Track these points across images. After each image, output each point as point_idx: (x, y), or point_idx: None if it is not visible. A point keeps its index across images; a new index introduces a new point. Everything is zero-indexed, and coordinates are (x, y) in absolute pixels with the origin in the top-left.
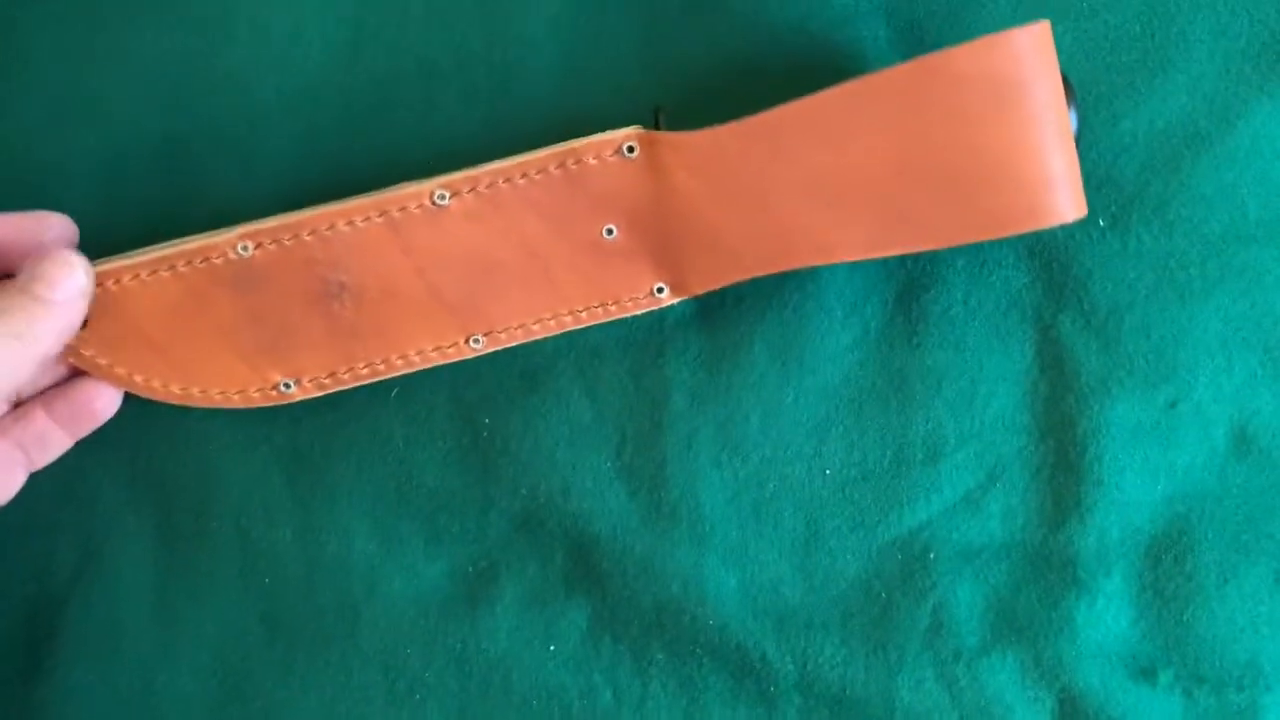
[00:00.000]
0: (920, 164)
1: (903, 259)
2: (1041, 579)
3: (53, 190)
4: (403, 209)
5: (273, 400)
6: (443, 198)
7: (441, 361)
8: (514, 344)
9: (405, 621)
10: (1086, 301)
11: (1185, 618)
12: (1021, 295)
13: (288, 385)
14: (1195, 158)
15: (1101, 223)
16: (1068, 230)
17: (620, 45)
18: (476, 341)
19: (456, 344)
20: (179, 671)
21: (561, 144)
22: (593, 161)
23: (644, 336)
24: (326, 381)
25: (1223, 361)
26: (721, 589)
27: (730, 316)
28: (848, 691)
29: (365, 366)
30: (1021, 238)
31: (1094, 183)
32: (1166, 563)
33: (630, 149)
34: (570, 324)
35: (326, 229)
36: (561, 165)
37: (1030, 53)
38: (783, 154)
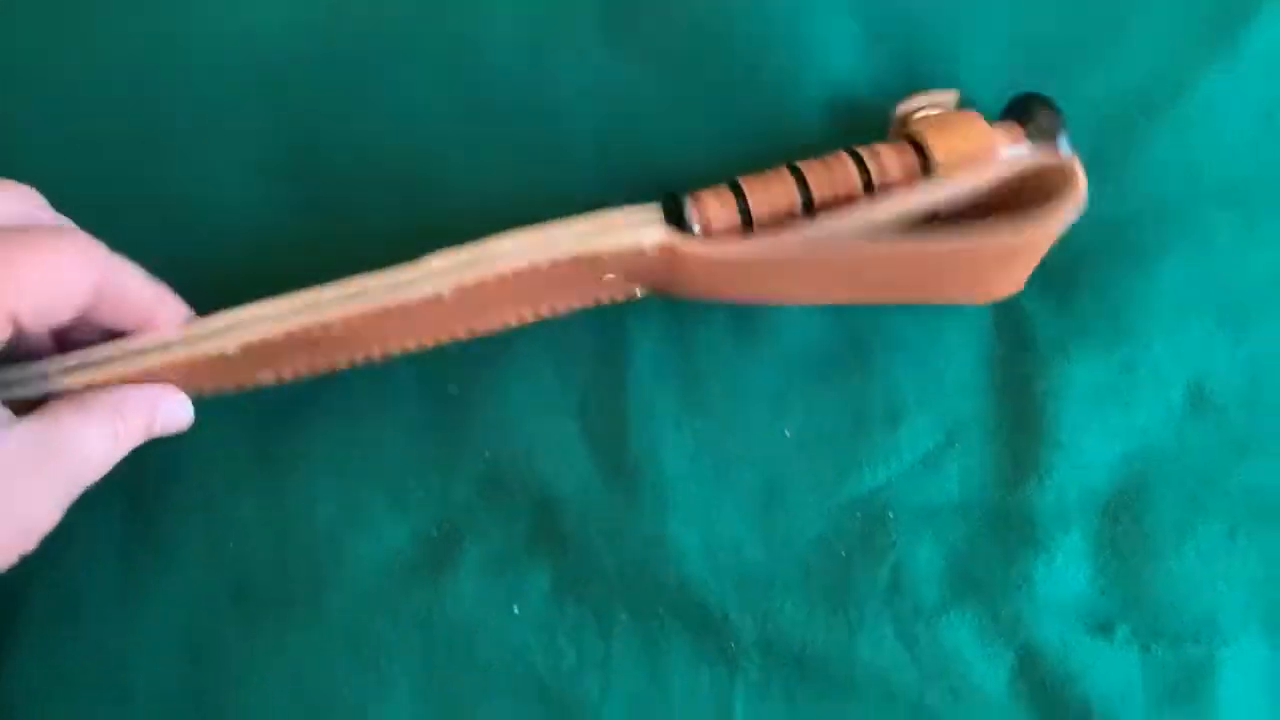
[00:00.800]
0: (918, 275)
1: None
2: (1000, 538)
3: (20, 167)
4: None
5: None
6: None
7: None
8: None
9: (370, 587)
10: (1043, 264)
11: (1143, 574)
12: None
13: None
14: (1150, 123)
15: None
16: None
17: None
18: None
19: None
20: (145, 640)
21: (584, 247)
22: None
23: (607, 304)
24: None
25: (1178, 322)
26: (683, 549)
27: None
28: (808, 650)
29: (346, 362)
30: None
31: None
32: (1124, 521)
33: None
34: (547, 315)
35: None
36: (577, 261)
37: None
38: (790, 269)
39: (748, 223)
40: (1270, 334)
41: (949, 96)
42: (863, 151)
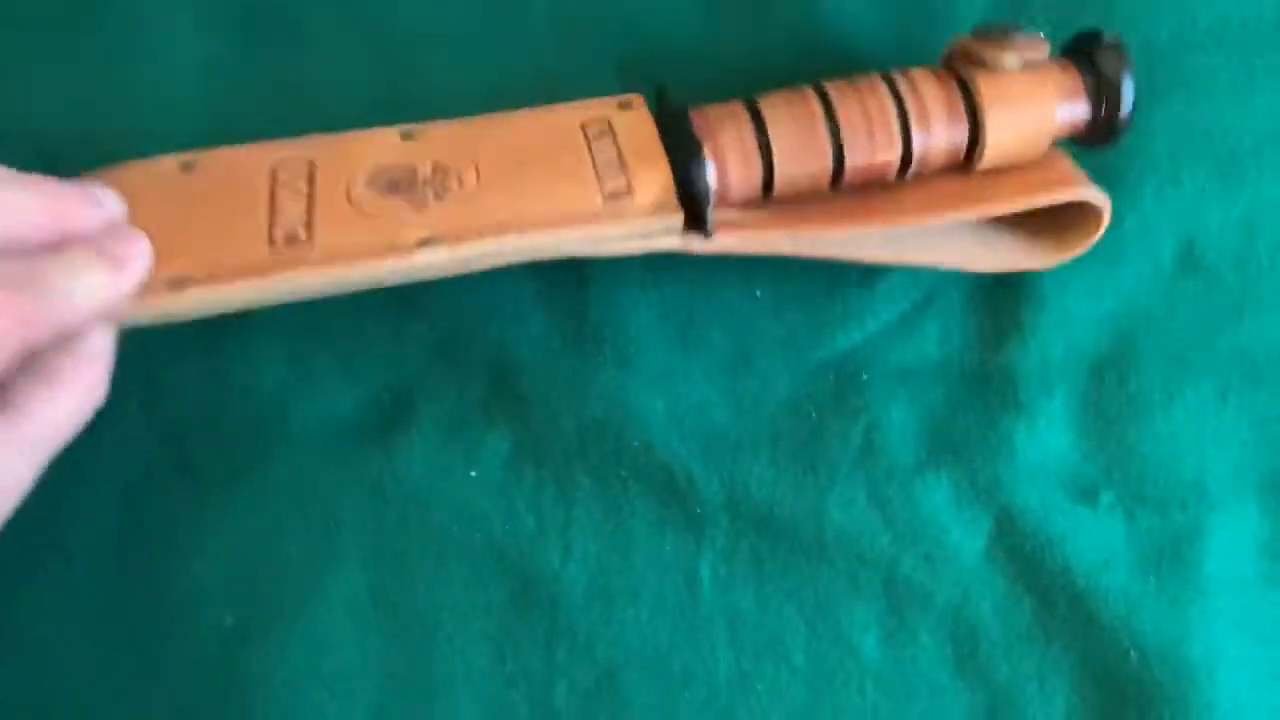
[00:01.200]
0: None
1: None
2: (979, 400)
3: None
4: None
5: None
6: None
7: None
8: None
9: (318, 452)
10: None
11: (1128, 438)
12: None
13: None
14: None
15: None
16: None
17: None
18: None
19: None
20: (83, 504)
21: (593, 250)
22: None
23: None
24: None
25: (1170, 174)
26: (647, 412)
27: None
28: (776, 512)
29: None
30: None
31: None
32: (1110, 382)
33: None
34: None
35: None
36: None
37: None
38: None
39: (768, 183)
40: (1267, 189)
41: (1040, 48)
42: (899, 82)
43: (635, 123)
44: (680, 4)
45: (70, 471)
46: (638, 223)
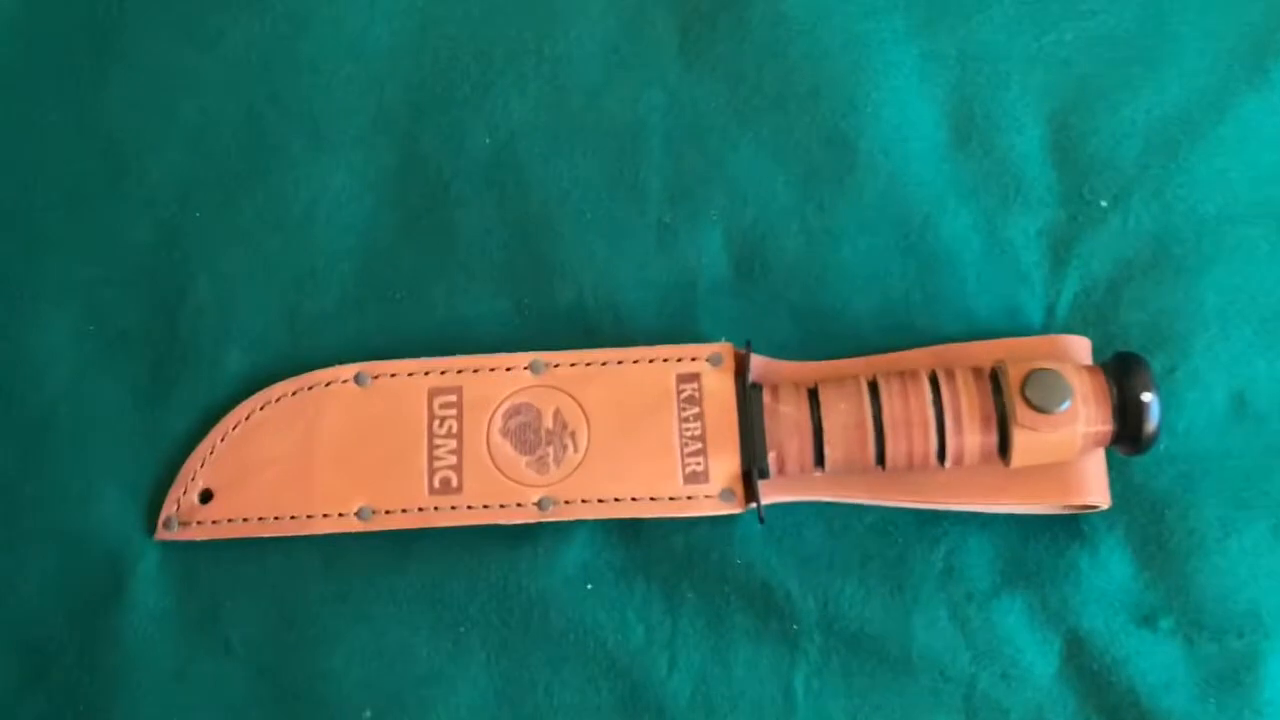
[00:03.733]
0: None
1: None
2: (1046, 530)
3: (145, 157)
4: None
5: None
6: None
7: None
8: None
9: (450, 557)
10: (1088, 278)
11: (1187, 569)
12: (1030, 272)
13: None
14: (1190, 144)
15: (1104, 204)
16: (1071, 210)
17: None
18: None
19: None
20: (242, 603)
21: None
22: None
23: None
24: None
25: (1219, 331)
26: (747, 530)
27: None
28: (865, 629)
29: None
30: (1026, 209)
31: (1096, 166)
32: (1169, 518)
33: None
34: None
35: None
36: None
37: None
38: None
39: (819, 460)
40: None
41: (1081, 345)
42: (943, 386)
43: (720, 390)
44: (779, 181)
45: (232, 569)
46: (707, 507)
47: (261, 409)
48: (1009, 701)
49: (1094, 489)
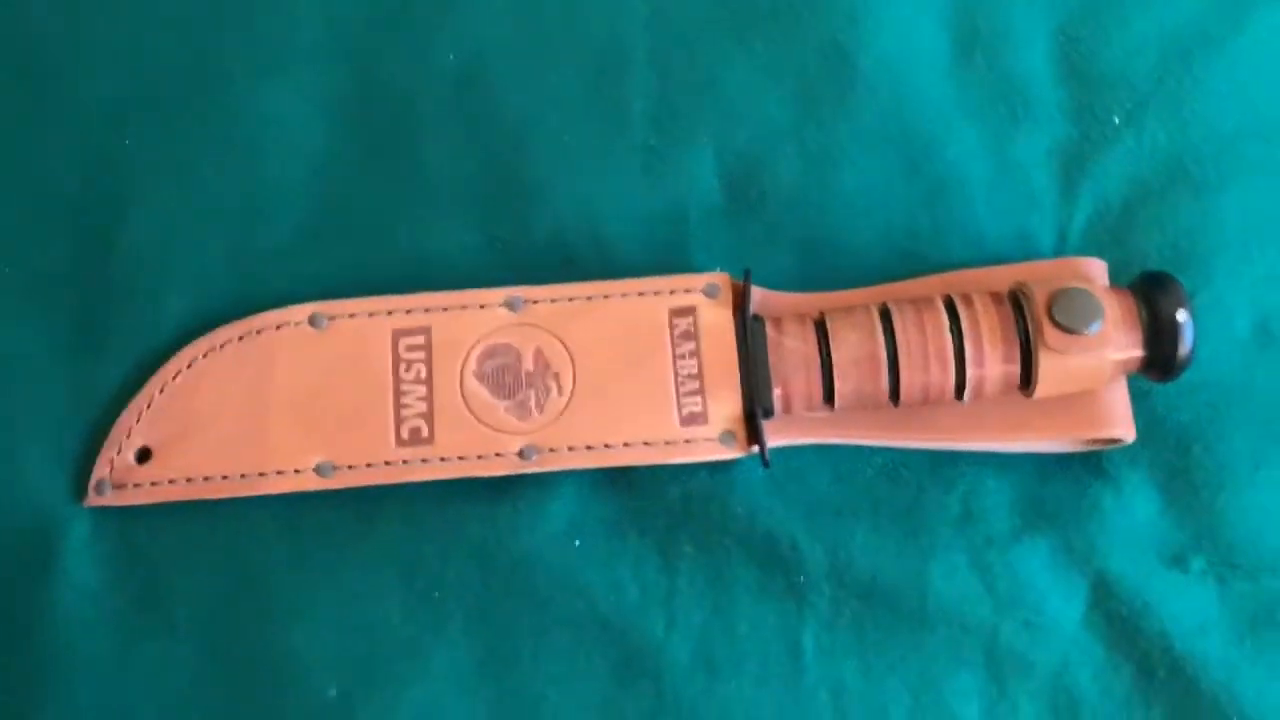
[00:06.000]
0: None
1: None
2: (1066, 468)
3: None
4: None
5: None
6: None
7: None
8: None
9: (422, 518)
10: (1101, 199)
11: (1216, 505)
12: (1041, 194)
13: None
14: (1206, 57)
15: (1117, 121)
16: (1083, 129)
17: None
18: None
19: None
20: (188, 575)
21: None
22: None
23: None
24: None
25: (1241, 254)
26: (748, 477)
27: None
28: (878, 580)
29: None
30: (1035, 128)
31: (1108, 81)
32: (1196, 451)
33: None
34: None
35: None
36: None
37: None
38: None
39: (828, 397)
40: None
41: (1097, 268)
42: (962, 313)
43: (718, 323)
44: (774, 99)
45: (176, 535)
46: (706, 451)
47: (204, 356)
48: (1033, 653)
49: (1119, 421)
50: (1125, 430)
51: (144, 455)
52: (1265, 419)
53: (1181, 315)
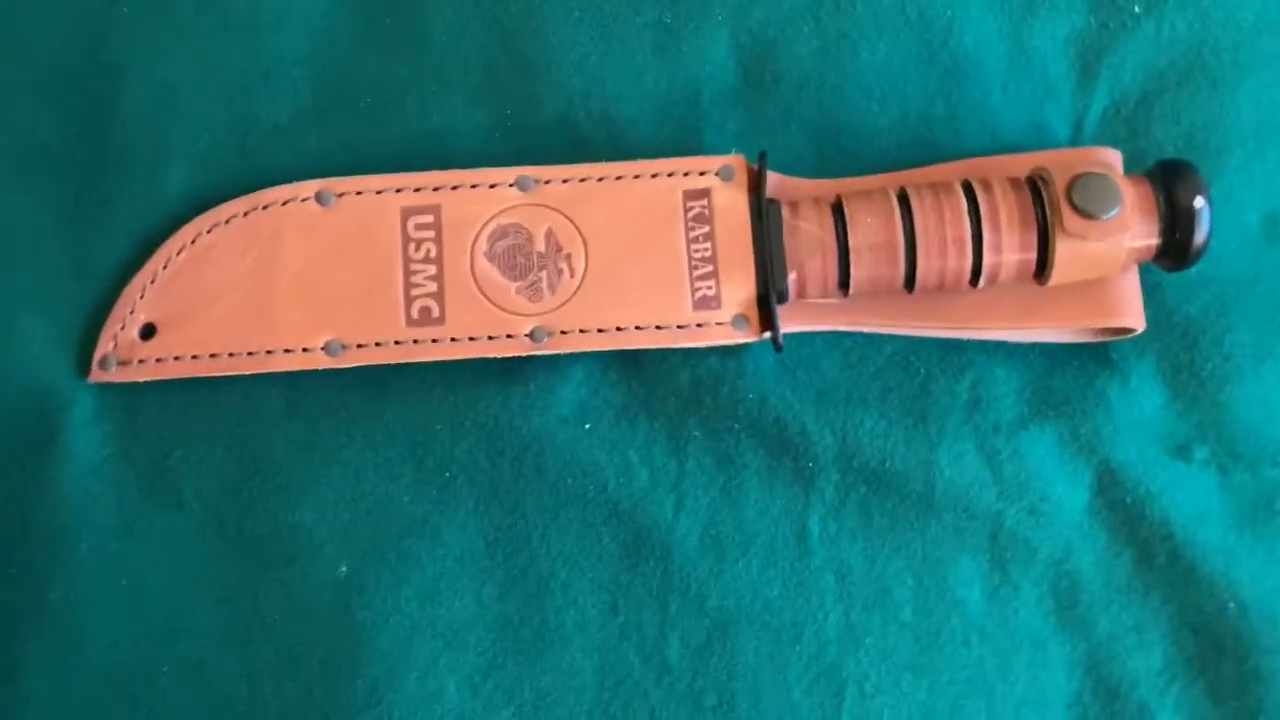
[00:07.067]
0: None
1: None
2: (1074, 358)
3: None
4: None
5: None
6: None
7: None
8: None
9: (433, 398)
10: (1118, 90)
11: (1221, 397)
12: (1058, 83)
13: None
14: None
15: (1136, 9)
16: (1101, 17)
17: None
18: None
19: None
20: (196, 452)
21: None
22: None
23: None
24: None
25: (1254, 148)
26: (759, 363)
27: None
28: (886, 465)
29: None
30: (1053, 15)
31: None
32: (1202, 344)
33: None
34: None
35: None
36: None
37: None
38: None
39: (844, 282)
40: None
41: (1112, 158)
42: (980, 197)
43: (732, 206)
44: None
45: (182, 412)
46: (719, 335)
47: (209, 231)
48: (1037, 538)
49: (1130, 311)
50: (1136, 320)
51: (148, 331)
52: (1271, 312)
53: (1199, 203)
